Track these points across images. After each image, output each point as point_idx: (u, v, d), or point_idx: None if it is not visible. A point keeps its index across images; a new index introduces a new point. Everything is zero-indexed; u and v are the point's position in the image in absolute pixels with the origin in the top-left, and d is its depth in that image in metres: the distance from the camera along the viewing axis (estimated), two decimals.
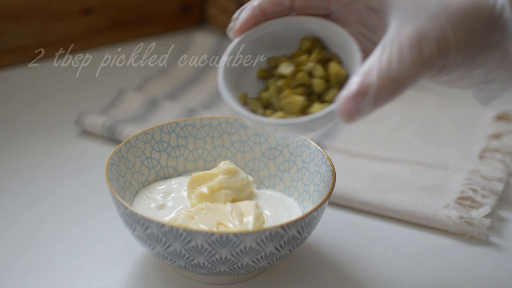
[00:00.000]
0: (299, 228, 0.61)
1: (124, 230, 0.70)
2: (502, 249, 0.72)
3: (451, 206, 0.76)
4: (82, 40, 1.06)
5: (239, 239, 0.58)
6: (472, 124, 0.92)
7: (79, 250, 0.69)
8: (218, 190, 0.66)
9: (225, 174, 0.67)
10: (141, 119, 0.91)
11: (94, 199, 0.76)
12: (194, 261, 0.60)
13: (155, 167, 0.73)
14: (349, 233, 0.73)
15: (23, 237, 0.71)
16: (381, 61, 0.51)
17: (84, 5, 1.05)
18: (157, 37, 1.13)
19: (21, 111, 0.93)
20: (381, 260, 0.70)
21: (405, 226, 0.75)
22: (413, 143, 0.89)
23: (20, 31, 1.00)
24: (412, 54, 0.52)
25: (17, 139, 0.87)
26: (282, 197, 0.72)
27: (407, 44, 0.52)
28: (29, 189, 0.78)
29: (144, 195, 0.70)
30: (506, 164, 0.83)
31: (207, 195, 0.66)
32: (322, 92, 0.58)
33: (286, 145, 0.73)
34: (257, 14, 0.58)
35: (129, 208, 0.61)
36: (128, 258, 0.68)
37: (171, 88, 0.99)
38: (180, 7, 1.15)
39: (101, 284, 0.65)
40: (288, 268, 0.68)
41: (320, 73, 0.58)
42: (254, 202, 0.66)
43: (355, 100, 0.51)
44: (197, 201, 0.66)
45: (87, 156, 0.85)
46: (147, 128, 0.78)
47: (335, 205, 0.77)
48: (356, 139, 0.89)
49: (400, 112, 0.95)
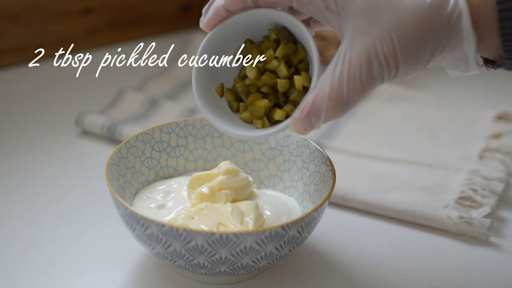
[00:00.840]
0: (299, 228, 0.61)
1: (124, 230, 0.70)
2: (502, 249, 0.72)
3: (451, 206, 0.76)
4: (82, 40, 1.06)
5: (239, 239, 0.58)
6: (472, 124, 0.92)
7: (79, 250, 0.69)
8: (218, 190, 0.66)
9: (225, 174, 0.67)
10: (141, 119, 0.90)
11: (94, 199, 0.76)
12: (194, 261, 0.60)
13: (155, 167, 0.73)
14: (349, 233, 0.73)
15: (23, 237, 0.71)
16: (333, 81, 0.55)
17: (84, 5, 1.05)
18: (157, 37, 1.13)
19: (21, 111, 0.93)
20: (381, 260, 0.70)
21: (405, 226, 0.75)
22: (413, 143, 0.89)
23: (20, 31, 1.00)
24: (362, 73, 0.54)
25: (17, 139, 0.87)
26: (282, 197, 0.72)
27: (357, 63, 0.54)
28: (29, 189, 0.78)
29: (144, 195, 0.70)
30: (506, 164, 0.83)
31: (207, 195, 0.66)
32: (286, 90, 0.61)
33: (286, 145, 0.73)
34: (221, 13, 0.60)
35: (129, 208, 0.61)
36: (128, 258, 0.68)
37: (171, 88, 0.99)
38: (180, 7, 1.15)
39: (101, 284, 0.65)
40: (288, 268, 0.68)
41: (284, 73, 0.60)
42: (254, 202, 0.66)
43: (306, 120, 0.56)
44: (197, 201, 0.66)
45: (87, 156, 0.85)
46: (147, 128, 0.78)
47: (335, 205, 0.77)
48: (356, 139, 0.89)
49: (400, 112, 0.95)
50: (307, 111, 0.56)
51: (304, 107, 0.56)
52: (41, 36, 1.02)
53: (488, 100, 1.00)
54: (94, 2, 1.06)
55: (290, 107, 0.61)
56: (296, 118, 0.57)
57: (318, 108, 0.56)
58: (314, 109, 0.56)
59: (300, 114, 0.56)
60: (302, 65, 0.61)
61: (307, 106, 0.56)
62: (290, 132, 0.72)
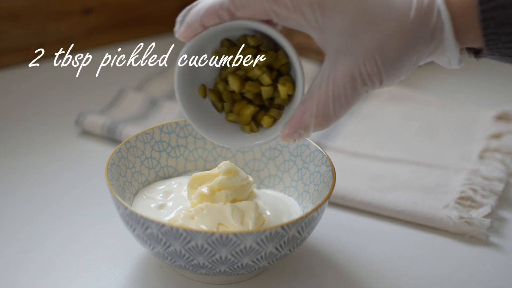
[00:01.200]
0: (299, 228, 0.61)
1: (124, 230, 0.70)
2: (502, 249, 0.72)
3: (451, 206, 0.76)
4: (82, 40, 1.06)
5: (239, 239, 0.58)
6: (472, 124, 0.92)
7: (79, 250, 0.69)
8: (218, 190, 0.66)
9: (225, 174, 0.67)
10: (141, 119, 0.90)
11: (94, 199, 0.76)
12: (194, 261, 0.60)
13: (155, 167, 0.73)
14: (349, 233, 0.73)
15: (23, 237, 0.71)
16: (319, 100, 0.56)
17: (84, 5, 1.05)
18: (157, 37, 1.13)
19: (21, 111, 0.93)
20: (381, 260, 0.70)
21: (405, 226, 0.75)
22: (413, 143, 0.89)
23: (20, 31, 1.00)
24: (347, 92, 0.56)
25: (17, 139, 0.87)
26: (282, 197, 0.72)
27: (341, 84, 0.55)
28: (29, 189, 0.78)
29: (144, 195, 0.70)
30: (506, 164, 0.83)
31: (208, 195, 0.66)
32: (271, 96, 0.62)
33: (286, 145, 0.73)
34: (196, 29, 0.59)
35: (129, 208, 0.61)
36: (128, 258, 0.68)
37: (171, 88, 0.99)
38: (180, 7, 1.15)
39: (101, 284, 0.65)
40: (288, 268, 0.68)
41: (267, 82, 0.61)
42: (255, 202, 0.66)
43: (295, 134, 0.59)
44: (197, 201, 0.66)
45: (87, 156, 0.85)
46: (147, 128, 0.78)
47: (335, 205, 0.77)
48: (356, 139, 0.89)
49: (400, 112, 0.95)
50: (295, 126, 0.58)
51: (293, 124, 0.58)
52: (41, 36, 1.02)
53: (488, 100, 1.00)
54: (94, 2, 1.06)
55: (276, 112, 0.62)
56: (286, 134, 0.59)
57: (306, 125, 0.58)
58: (303, 126, 0.58)
59: (289, 130, 0.59)
60: (284, 68, 0.61)
61: (295, 123, 0.58)
62: None
